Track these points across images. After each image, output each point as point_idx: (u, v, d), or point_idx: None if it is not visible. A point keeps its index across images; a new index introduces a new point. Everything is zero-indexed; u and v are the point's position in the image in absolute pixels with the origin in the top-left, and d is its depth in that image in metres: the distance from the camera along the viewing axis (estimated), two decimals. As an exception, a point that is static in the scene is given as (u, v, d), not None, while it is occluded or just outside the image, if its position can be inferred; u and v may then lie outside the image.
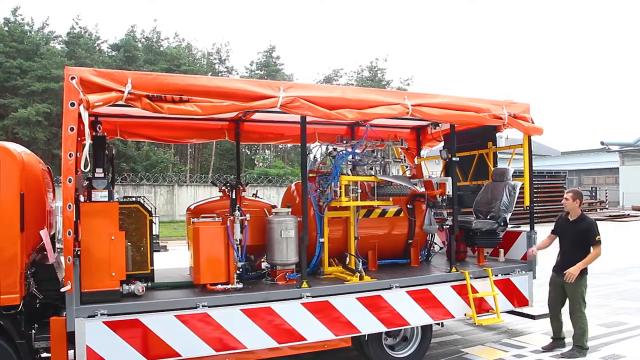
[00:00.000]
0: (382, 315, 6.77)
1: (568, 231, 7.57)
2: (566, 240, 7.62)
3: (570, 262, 7.40)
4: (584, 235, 7.38)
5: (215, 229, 6.41)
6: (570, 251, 7.50)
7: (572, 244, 7.49)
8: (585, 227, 7.40)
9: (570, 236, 7.54)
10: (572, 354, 7.44)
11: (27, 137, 43.10)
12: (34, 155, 6.62)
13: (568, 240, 7.58)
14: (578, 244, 7.44)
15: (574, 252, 7.44)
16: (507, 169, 8.67)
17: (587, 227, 7.40)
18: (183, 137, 9.23)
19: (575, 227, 7.48)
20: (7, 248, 5.36)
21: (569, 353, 7.47)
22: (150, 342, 5.64)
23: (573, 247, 7.48)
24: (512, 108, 7.85)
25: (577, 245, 7.44)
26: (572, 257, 7.43)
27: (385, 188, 7.42)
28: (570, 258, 7.44)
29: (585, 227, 7.40)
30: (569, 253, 7.51)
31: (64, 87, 5.31)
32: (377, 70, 68.79)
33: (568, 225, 7.59)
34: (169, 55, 57.13)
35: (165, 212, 37.04)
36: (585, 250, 7.38)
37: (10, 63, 46.43)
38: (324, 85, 27.04)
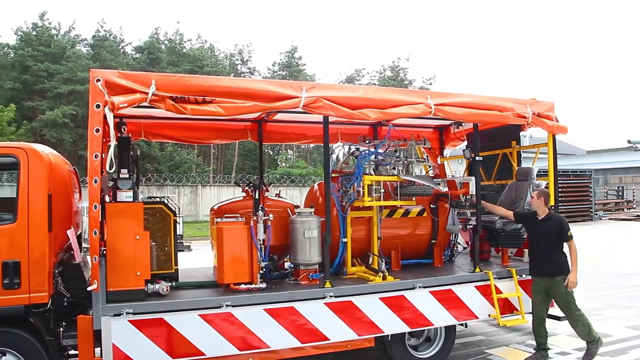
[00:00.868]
0: (406, 315, 6.75)
1: (538, 230, 7.34)
2: (538, 239, 7.36)
3: (550, 262, 7.15)
4: (557, 233, 7.15)
5: (239, 229, 6.44)
6: (545, 251, 7.21)
7: (546, 242, 7.22)
8: (556, 225, 7.19)
9: (541, 235, 7.28)
10: (591, 352, 7.21)
11: (54, 139, 43.81)
12: (61, 156, 6.72)
13: (540, 240, 7.31)
14: (552, 243, 7.18)
15: (546, 251, 7.19)
16: (531, 168, 8.57)
17: (558, 222, 7.21)
18: (206, 138, 9.32)
19: (545, 225, 7.24)
20: (36, 248, 5.46)
21: (588, 354, 7.23)
22: (174, 341, 5.69)
23: (547, 246, 7.20)
24: (536, 107, 7.76)
25: (551, 244, 7.18)
26: (549, 257, 7.17)
27: (408, 188, 7.39)
28: (548, 258, 7.17)
29: (556, 225, 7.19)
30: (544, 253, 7.22)
31: (90, 89, 5.38)
32: (399, 69, 68.54)
33: (538, 224, 7.35)
34: (191, 57, 57.62)
35: (189, 212, 37.30)
36: (560, 248, 7.18)
37: (38, 66, 47.29)
38: (346, 85, 26.98)
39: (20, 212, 5.47)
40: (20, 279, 5.37)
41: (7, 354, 5.45)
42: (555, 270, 7.12)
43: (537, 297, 7.32)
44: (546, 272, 7.21)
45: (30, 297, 5.40)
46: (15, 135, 39.42)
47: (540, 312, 7.32)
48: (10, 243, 5.42)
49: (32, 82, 47.81)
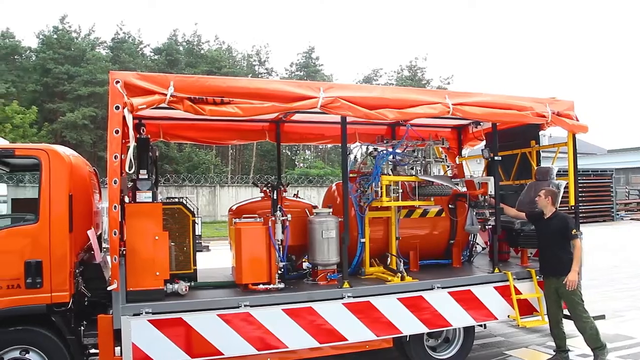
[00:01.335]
0: (424, 316, 6.72)
1: (544, 229, 7.30)
2: (544, 238, 7.33)
3: (555, 261, 7.11)
4: (561, 231, 7.06)
5: (257, 229, 6.46)
6: (551, 250, 7.18)
7: (552, 242, 7.17)
8: (561, 223, 7.10)
9: (547, 234, 7.24)
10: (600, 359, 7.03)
11: (74, 140, 44.35)
12: (81, 157, 6.79)
13: (546, 239, 7.27)
14: (557, 241, 7.11)
15: (554, 250, 7.14)
16: (550, 167, 8.49)
17: (562, 222, 7.11)
18: (224, 139, 9.38)
19: (551, 224, 7.19)
20: (58, 248, 5.53)
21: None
22: (193, 340, 5.72)
23: (552, 245, 7.16)
24: (556, 106, 7.68)
25: (556, 243, 7.12)
26: (554, 256, 7.13)
27: (427, 188, 7.37)
28: (554, 257, 7.13)
29: (561, 223, 7.10)
30: (550, 252, 7.21)
31: (109, 91, 5.45)
32: (416, 69, 68.35)
33: (544, 223, 7.32)
34: (209, 58, 57.99)
35: (207, 213, 37.51)
36: (566, 247, 7.07)
37: (58, 69, 47.91)
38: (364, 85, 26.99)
39: (42, 212, 5.55)
40: (42, 279, 5.44)
41: (31, 351, 5.53)
42: (561, 269, 7.03)
43: (549, 298, 7.26)
44: (553, 272, 7.15)
45: (52, 296, 5.48)
46: (36, 137, 40.00)
47: (554, 314, 7.22)
48: (32, 243, 5.50)
49: (53, 84, 48.43)
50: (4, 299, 5.36)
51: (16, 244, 5.51)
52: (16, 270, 5.40)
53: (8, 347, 5.48)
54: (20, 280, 5.40)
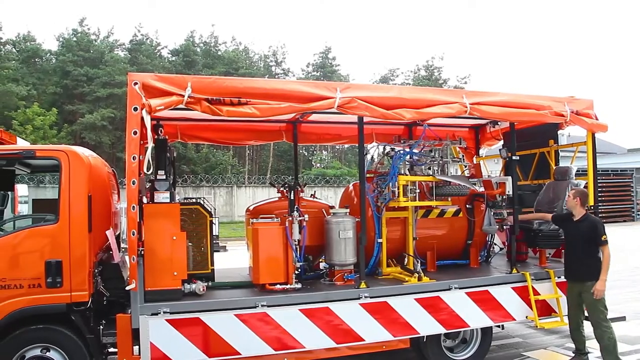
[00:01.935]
0: (441, 316, 6.69)
1: (573, 232, 7.08)
2: (572, 241, 7.10)
3: (582, 265, 6.89)
4: (590, 236, 6.83)
5: (274, 229, 6.48)
6: (578, 254, 6.96)
7: (579, 245, 6.96)
8: (590, 227, 6.86)
9: (575, 237, 7.02)
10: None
11: (93, 141, 44.77)
12: (100, 158, 6.87)
13: (574, 242, 7.05)
14: (585, 246, 6.89)
15: (582, 254, 6.91)
16: (569, 167, 8.42)
17: (592, 226, 6.85)
18: (241, 139, 9.41)
19: (580, 227, 6.96)
20: (77, 248, 5.59)
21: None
22: (210, 340, 5.76)
23: (581, 249, 6.94)
24: (575, 104, 7.60)
25: (584, 247, 6.90)
26: (582, 261, 6.90)
27: (444, 188, 7.33)
28: (581, 261, 6.91)
29: (590, 227, 6.86)
30: (578, 256, 6.97)
31: (128, 92, 5.50)
32: (433, 69, 68.05)
33: (572, 225, 7.08)
34: (226, 59, 58.27)
35: (225, 213, 37.66)
36: (593, 252, 6.85)
37: (77, 71, 48.43)
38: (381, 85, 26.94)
39: (61, 213, 5.62)
40: (62, 278, 5.51)
41: (51, 350, 5.61)
42: (587, 274, 6.83)
43: (571, 301, 7.12)
44: (578, 275, 6.97)
45: (72, 295, 5.55)
46: (56, 138, 40.48)
47: (575, 317, 7.11)
48: (52, 243, 5.58)
49: (72, 86, 48.95)
50: (25, 298, 5.44)
51: (37, 244, 5.59)
52: (37, 269, 5.48)
53: (30, 345, 5.56)
54: (40, 279, 5.48)
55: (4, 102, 43.66)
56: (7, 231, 5.99)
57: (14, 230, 5.89)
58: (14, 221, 6.70)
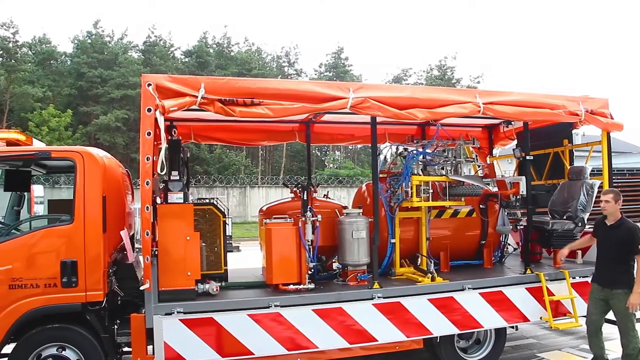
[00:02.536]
0: (455, 317, 6.67)
1: (606, 237, 6.63)
2: (605, 248, 6.64)
3: (613, 273, 6.48)
4: (625, 243, 6.37)
5: (287, 229, 6.49)
6: (610, 261, 6.54)
7: (612, 252, 6.51)
8: (626, 233, 6.38)
9: (609, 243, 6.56)
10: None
11: (107, 142, 45.05)
12: (114, 159, 6.91)
13: (607, 248, 6.59)
14: (619, 253, 6.44)
15: (614, 262, 6.49)
16: (584, 167, 8.36)
17: (628, 233, 6.37)
18: (254, 140, 9.44)
19: (615, 233, 6.49)
20: (92, 248, 5.64)
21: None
22: (224, 340, 5.78)
23: (613, 256, 6.50)
24: (589, 104, 7.55)
25: (617, 254, 6.45)
26: (613, 268, 6.49)
27: (457, 188, 7.31)
28: (612, 269, 6.50)
29: (626, 233, 6.38)
30: (609, 263, 6.55)
31: (141, 93, 5.53)
32: (446, 68, 67.69)
33: (606, 230, 6.63)
34: (239, 60, 58.40)
35: (238, 213, 37.76)
36: (627, 260, 6.43)
37: (92, 73, 48.76)
38: (394, 85, 26.88)
39: (76, 213, 5.67)
40: (77, 278, 5.56)
41: (67, 348, 5.67)
42: (616, 281, 6.47)
43: (595, 305, 6.74)
44: (606, 282, 6.58)
45: (87, 295, 5.60)
46: (71, 140, 40.78)
47: (596, 322, 6.74)
48: (68, 243, 5.63)
49: (86, 88, 49.29)
50: (41, 298, 5.50)
51: (53, 244, 5.64)
52: (53, 269, 5.54)
53: (46, 344, 5.62)
54: (56, 279, 5.53)
55: (20, 104, 44.14)
56: (23, 231, 6.05)
57: (31, 231, 5.95)
58: (30, 221, 6.76)
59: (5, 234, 6.02)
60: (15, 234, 5.98)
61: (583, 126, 8.30)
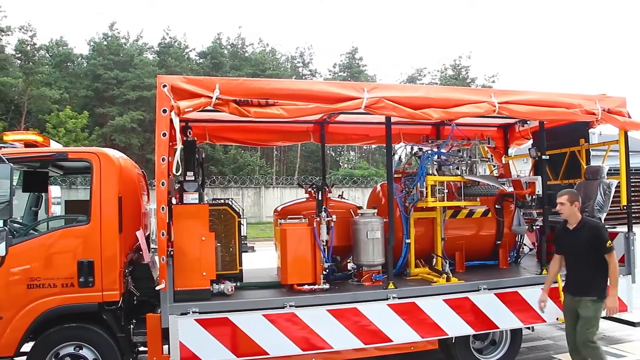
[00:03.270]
0: (470, 317, 6.64)
1: (570, 243, 6.00)
2: (574, 254, 5.99)
3: (584, 280, 5.87)
4: (592, 244, 5.76)
5: (302, 230, 6.50)
6: (583, 267, 5.89)
7: (579, 257, 5.90)
8: (591, 234, 5.78)
9: (573, 248, 5.96)
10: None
11: (123, 143, 45.38)
12: (130, 160, 6.97)
13: (577, 254, 5.94)
14: (587, 257, 5.81)
15: (587, 268, 5.83)
16: (601, 166, 8.28)
17: (593, 233, 5.79)
18: (269, 140, 9.47)
19: (578, 235, 5.88)
20: (108, 248, 5.69)
21: None
22: (239, 340, 5.80)
23: (585, 261, 5.85)
24: (606, 102, 7.47)
25: (585, 259, 5.83)
26: (584, 274, 5.87)
27: (473, 188, 7.28)
28: (583, 276, 5.89)
29: (591, 234, 5.78)
30: (582, 270, 5.90)
31: (157, 94, 5.57)
32: (460, 68, 67.41)
33: (568, 235, 6.00)
34: (253, 61, 58.57)
35: (253, 214, 37.82)
36: (597, 263, 5.78)
37: (108, 74, 49.16)
38: (408, 85, 26.81)
39: (93, 214, 5.72)
40: (94, 278, 5.61)
41: (84, 347, 5.72)
42: (583, 288, 5.88)
43: (569, 319, 6.11)
44: (577, 290, 5.96)
45: (103, 295, 5.64)
46: (87, 141, 41.14)
47: (572, 337, 6.05)
48: (84, 243, 5.69)
49: (103, 89, 49.70)
50: (59, 297, 5.56)
51: (70, 244, 5.70)
52: (70, 269, 5.59)
53: (63, 343, 5.67)
54: (73, 279, 5.59)
55: (38, 106, 44.64)
56: (41, 232, 6.11)
57: (48, 231, 6.02)
58: (48, 222, 6.83)
59: (24, 234, 6.09)
60: (33, 234, 6.04)
61: (600, 125, 8.22)
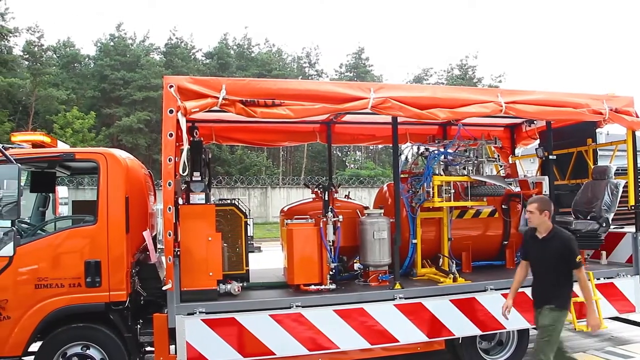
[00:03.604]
0: (477, 318, 6.63)
1: (538, 252, 5.63)
2: (542, 264, 5.61)
3: (547, 291, 5.52)
4: (562, 256, 5.39)
5: (309, 230, 6.51)
6: (544, 277, 5.57)
7: (547, 267, 5.53)
8: (561, 246, 5.39)
9: (542, 259, 5.59)
10: None
11: (129, 144, 45.46)
12: (136, 160, 6.99)
13: (545, 265, 5.57)
14: (555, 267, 5.46)
15: (550, 277, 5.50)
16: (608, 166, 8.24)
17: (563, 245, 5.39)
18: (275, 140, 9.47)
19: (547, 246, 5.49)
20: (115, 248, 5.71)
21: None
22: (245, 340, 5.81)
23: (549, 272, 5.52)
24: (614, 102, 7.45)
25: (553, 269, 5.48)
26: (549, 285, 5.52)
27: (479, 188, 7.26)
28: (547, 286, 5.54)
29: (561, 246, 5.39)
30: (544, 280, 5.58)
31: (163, 95, 5.59)
32: (467, 68, 67.14)
33: (537, 243, 5.61)
34: (260, 61, 58.57)
35: (259, 214, 37.87)
36: (565, 274, 5.45)
37: (115, 75, 49.29)
38: (415, 85, 26.78)
39: (100, 214, 5.74)
40: (101, 278, 5.63)
41: (91, 347, 5.73)
42: (546, 297, 5.54)
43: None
44: (538, 301, 5.67)
45: (110, 295, 5.66)
46: (94, 141, 41.27)
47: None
48: (91, 244, 5.71)
49: (109, 90, 49.83)
50: (66, 297, 5.58)
51: (77, 244, 5.72)
52: (77, 269, 5.61)
53: (71, 343, 5.70)
54: (80, 279, 5.60)
55: (45, 106, 44.78)
56: (48, 232, 6.14)
57: (55, 231, 6.04)
58: (55, 222, 6.86)
59: (31, 234, 6.11)
60: (40, 234, 6.06)
61: (607, 125, 8.19)
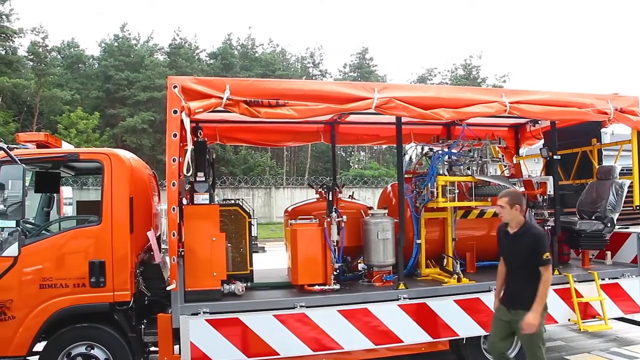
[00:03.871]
0: (481, 318, 6.61)
1: (509, 247, 5.58)
2: (512, 260, 5.56)
3: (519, 291, 5.42)
4: (531, 252, 5.30)
5: (313, 230, 6.50)
6: (519, 276, 5.44)
7: (521, 265, 5.41)
8: (531, 241, 5.31)
9: (512, 254, 5.54)
10: None
11: (134, 144, 45.52)
12: (141, 160, 6.99)
13: (515, 261, 5.50)
14: (524, 264, 5.37)
15: (524, 277, 5.38)
16: (613, 166, 8.21)
17: (532, 241, 5.31)
18: (279, 141, 9.48)
19: (517, 241, 5.43)
20: (119, 248, 5.72)
21: None
22: (249, 340, 5.81)
23: (522, 269, 5.40)
24: (619, 102, 7.42)
25: (523, 265, 5.38)
26: (519, 285, 5.42)
27: (483, 188, 7.25)
28: (518, 286, 5.44)
29: (531, 241, 5.31)
30: (518, 279, 5.45)
31: (167, 95, 5.58)
32: (471, 68, 67.04)
33: (510, 239, 5.54)
34: (264, 61, 58.60)
35: (263, 214, 37.87)
36: (534, 273, 5.29)
37: (119, 75, 49.39)
38: (419, 85, 26.74)
39: (104, 214, 5.75)
40: (105, 278, 5.64)
41: (95, 347, 5.75)
42: (519, 300, 5.39)
43: (496, 328, 5.66)
44: (511, 302, 5.52)
45: (115, 295, 5.67)
46: (99, 142, 41.33)
47: (498, 348, 5.66)
48: (96, 244, 5.71)
49: (113, 90, 49.93)
50: (70, 297, 5.59)
51: (81, 244, 5.73)
52: (81, 269, 5.62)
53: (75, 343, 5.71)
54: (85, 279, 5.61)
55: (49, 107, 44.90)
56: (53, 232, 6.15)
57: (60, 231, 6.06)
58: (60, 222, 6.88)
59: (36, 234, 6.11)
60: (45, 234, 6.07)
61: (612, 125, 8.16)
